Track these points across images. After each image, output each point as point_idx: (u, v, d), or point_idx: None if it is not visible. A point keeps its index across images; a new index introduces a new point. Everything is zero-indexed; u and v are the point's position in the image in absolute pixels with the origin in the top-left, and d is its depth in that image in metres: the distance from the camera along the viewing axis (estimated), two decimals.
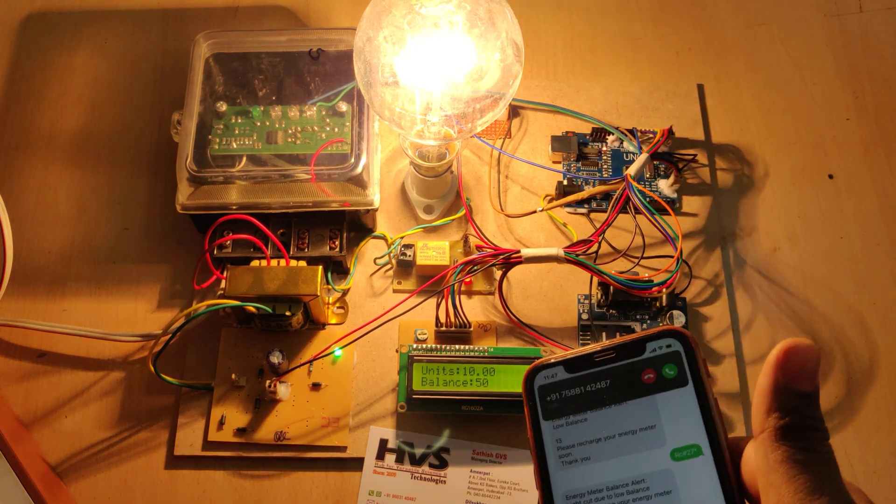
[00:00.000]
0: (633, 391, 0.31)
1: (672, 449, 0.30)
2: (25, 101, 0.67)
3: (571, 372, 0.32)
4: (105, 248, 0.62)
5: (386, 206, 0.63)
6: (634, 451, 0.30)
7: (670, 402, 0.31)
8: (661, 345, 0.32)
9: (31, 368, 0.58)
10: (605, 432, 0.31)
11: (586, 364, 0.32)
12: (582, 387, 0.32)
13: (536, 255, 0.55)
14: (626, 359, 0.32)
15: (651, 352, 0.32)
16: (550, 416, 0.32)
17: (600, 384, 0.32)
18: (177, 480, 0.54)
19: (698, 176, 0.65)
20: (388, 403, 0.56)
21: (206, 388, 0.56)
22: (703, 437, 0.30)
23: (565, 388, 0.32)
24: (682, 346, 0.31)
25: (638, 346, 0.32)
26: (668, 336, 0.32)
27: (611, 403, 0.31)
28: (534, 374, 0.33)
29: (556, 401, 0.32)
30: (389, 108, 0.53)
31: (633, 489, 0.30)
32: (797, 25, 0.72)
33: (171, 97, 0.67)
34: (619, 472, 0.30)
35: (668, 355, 0.31)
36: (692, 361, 0.31)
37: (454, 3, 0.50)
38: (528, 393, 0.33)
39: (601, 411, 0.31)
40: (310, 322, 0.58)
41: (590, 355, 0.32)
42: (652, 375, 0.31)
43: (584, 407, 0.32)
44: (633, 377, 0.31)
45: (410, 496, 0.53)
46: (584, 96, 0.68)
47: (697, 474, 0.29)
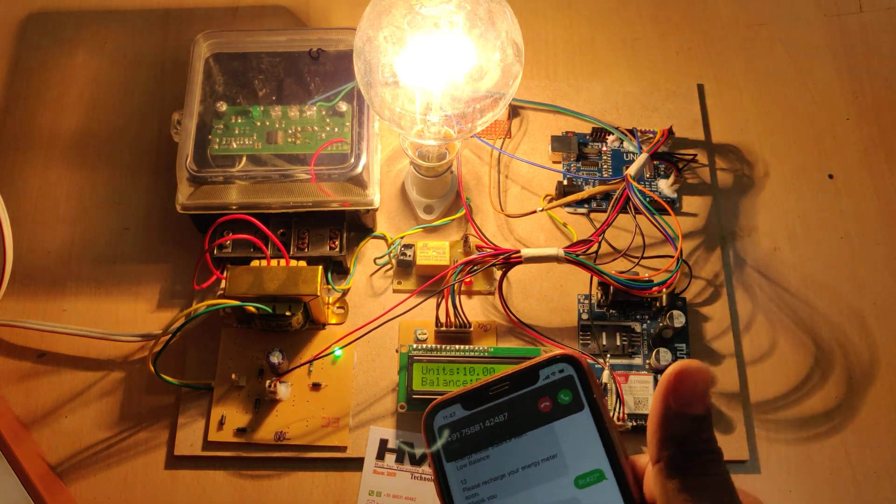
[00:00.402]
0: (532, 421, 0.30)
1: (575, 476, 0.29)
2: (25, 101, 0.68)
3: (469, 409, 0.31)
4: (105, 248, 0.62)
5: (386, 206, 0.63)
6: (539, 483, 0.30)
7: (568, 429, 0.30)
8: (554, 370, 0.31)
9: (31, 368, 0.58)
10: (509, 467, 0.30)
11: (482, 399, 0.31)
12: (481, 423, 0.31)
13: (536, 255, 0.55)
14: (521, 389, 0.31)
15: (545, 379, 0.31)
16: (453, 457, 0.31)
17: (498, 418, 0.31)
18: (177, 480, 0.54)
19: (698, 176, 0.65)
20: (388, 403, 0.56)
21: (206, 388, 0.56)
22: (605, 461, 0.29)
23: (464, 426, 0.31)
24: (574, 370, 0.31)
25: (531, 375, 0.31)
26: (559, 361, 0.31)
27: (511, 437, 0.30)
28: (432, 414, 0.32)
29: (458, 441, 0.31)
30: (389, 108, 0.53)
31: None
32: (797, 25, 0.72)
33: (171, 97, 0.67)
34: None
35: (561, 381, 0.31)
36: (585, 384, 0.30)
37: (454, 3, 0.50)
38: (428, 435, 0.31)
39: (502, 446, 0.30)
40: (310, 322, 0.58)
41: (484, 388, 0.31)
42: (548, 403, 0.30)
43: (485, 443, 0.31)
44: (530, 407, 0.31)
45: (410, 496, 0.53)
46: (584, 96, 0.68)
47: (603, 500, 0.29)
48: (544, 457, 0.30)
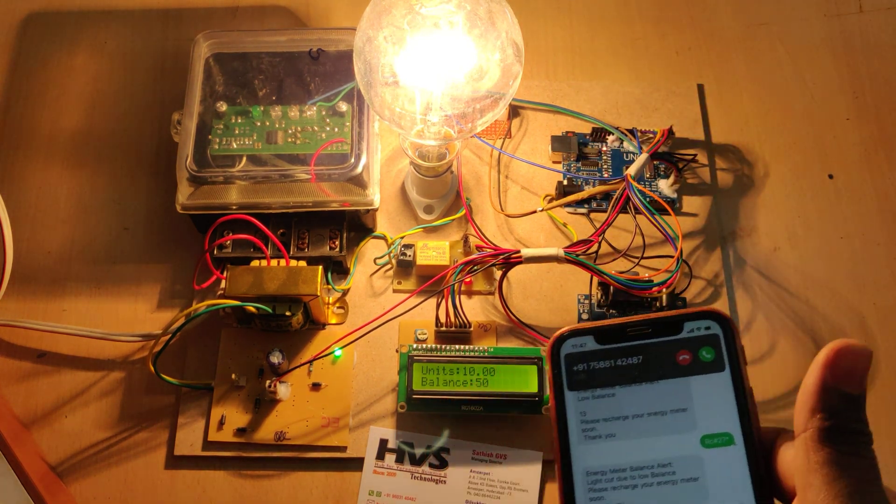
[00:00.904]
0: (667, 371, 0.30)
1: (703, 435, 0.29)
2: (25, 101, 0.68)
3: (602, 343, 0.30)
4: (105, 248, 0.62)
5: (386, 206, 0.63)
6: (663, 433, 0.29)
7: (705, 387, 0.29)
8: (700, 326, 0.30)
9: (31, 368, 0.58)
10: (634, 410, 0.29)
11: (618, 336, 0.30)
12: (612, 360, 0.30)
13: (536, 255, 0.55)
14: (662, 336, 0.30)
15: (689, 332, 0.30)
16: (576, 387, 0.30)
17: (632, 360, 0.30)
18: (177, 480, 0.54)
19: (698, 176, 0.65)
20: (388, 403, 0.56)
21: (206, 388, 0.56)
22: (737, 427, 0.29)
23: (594, 359, 0.30)
24: (721, 330, 0.30)
25: (675, 325, 0.30)
26: (708, 317, 0.30)
27: (642, 381, 0.30)
28: (561, 341, 0.31)
29: (584, 371, 0.30)
30: (389, 108, 0.53)
31: (658, 472, 0.29)
32: (797, 25, 0.72)
33: (171, 97, 0.67)
34: (645, 453, 0.29)
35: (706, 338, 0.30)
36: (731, 346, 0.30)
37: (454, 3, 0.50)
38: (553, 360, 0.31)
39: (631, 388, 0.30)
40: (310, 322, 0.58)
41: (623, 327, 0.30)
42: (688, 357, 0.30)
43: (612, 381, 0.30)
44: (668, 357, 0.30)
45: (410, 496, 0.53)
46: (584, 96, 0.68)
47: (727, 464, 0.28)
48: (673, 408, 0.29)
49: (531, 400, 0.53)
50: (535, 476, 0.54)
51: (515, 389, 0.53)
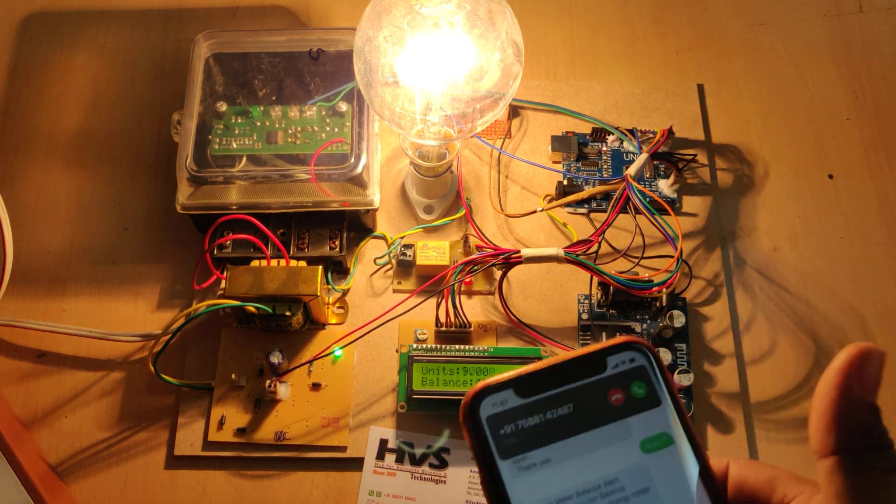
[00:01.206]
0: (603, 416, 0.27)
1: (641, 440, 0.27)
2: (25, 101, 0.68)
3: (524, 396, 0.27)
4: (105, 248, 0.62)
5: (386, 206, 0.63)
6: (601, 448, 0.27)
7: (646, 425, 0.27)
8: (624, 359, 0.28)
9: (31, 368, 0.58)
10: (582, 478, 0.27)
11: (540, 385, 0.27)
12: (541, 414, 0.27)
13: (536, 255, 0.55)
14: (587, 377, 0.27)
15: (613, 367, 0.28)
16: (508, 454, 0.27)
17: (563, 409, 0.27)
18: (177, 480, 0.54)
19: (698, 176, 0.65)
20: (388, 403, 0.56)
21: (206, 388, 0.56)
22: (690, 455, 0.27)
23: (520, 416, 0.27)
24: (646, 360, 0.28)
25: (597, 362, 0.28)
26: (628, 349, 0.28)
27: (579, 432, 0.27)
28: (478, 400, 0.27)
29: (513, 434, 0.27)
30: (389, 108, 0.53)
31: (606, 490, 0.27)
32: (797, 25, 0.72)
33: (171, 97, 0.67)
34: (586, 474, 0.27)
35: (633, 371, 0.28)
36: (661, 376, 0.28)
37: (454, 3, 0.50)
38: (474, 426, 0.27)
39: (569, 441, 0.27)
40: (310, 322, 0.58)
41: (541, 374, 0.27)
42: (620, 396, 0.27)
43: (547, 439, 0.27)
44: (600, 398, 0.27)
45: (410, 496, 0.53)
46: (584, 96, 0.68)
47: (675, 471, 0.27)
48: (628, 475, 0.27)
49: None
50: None
51: None
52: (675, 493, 0.27)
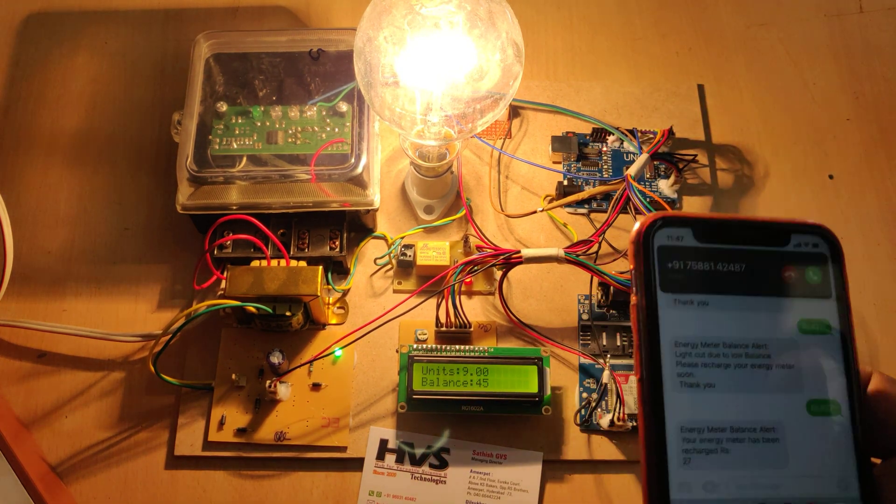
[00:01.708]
0: (771, 286, 0.27)
1: (808, 400, 0.27)
2: (25, 101, 0.67)
3: (701, 240, 0.27)
4: (105, 248, 0.62)
5: (386, 206, 0.63)
6: (766, 384, 0.27)
7: (810, 312, 0.27)
8: (808, 241, 0.27)
9: (31, 368, 0.58)
10: (733, 332, 0.27)
11: (720, 235, 0.27)
12: (712, 262, 0.27)
13: (536, 256, 0.55)
14: (767, 245, 0.27)
15: (795, 245, 0.27)
16: (670, 288, 0.26)
17: (735, 266, 0.27)
18: (177, 480, 0.54)
19: (698, 176, 0.65)
20: (388, 403, 0.56)
21: (206, 388, 0.56)
22: (843, 392, 0.27)
23: (692, 257, 0.27)
24: (829, 250, 0.27)
25: (780, 233, 0.27)
26: (816, 233, 0.27)
27: (744, 293, 0.27)
28: (654, 227, 0.27)
29: (680, 271, 0.26)
30: (390, 108, 0.53)
31: (753, 353, 0.27)
32: (797, 25, 0.72)
33: (171, 97, 0.67)
34: (744, 332, 0.27)
35: (813, 256, 0.27)
36: (839, 271, 0.27)
37: (454, 3, 0.50)
38: (644, 252, 0.27)
39: (732, 299, 0.27)
40: (310, 322, 0.58)
41: (725, 223, 0.27)
42: (793, 274, 0.27)
43: (710, 287, 0.26)
44: (773, 269, 0.27)
45: (410, 496, 0.53)
46: (584, 96, 0.68)
47: (831, 426, 0.27)
48: (777, 345, 0.26)
49: (531, 400, 0.53)
50: (536, 476, 0.54)
51: (515, 389, 0.53)
52: (817, 377, 0.27)
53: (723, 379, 0.26)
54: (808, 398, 0.27)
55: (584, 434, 0.55)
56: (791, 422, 0.26)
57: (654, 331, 0.26)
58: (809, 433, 0.26)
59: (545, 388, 0.53)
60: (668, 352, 0.26)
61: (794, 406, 0.27)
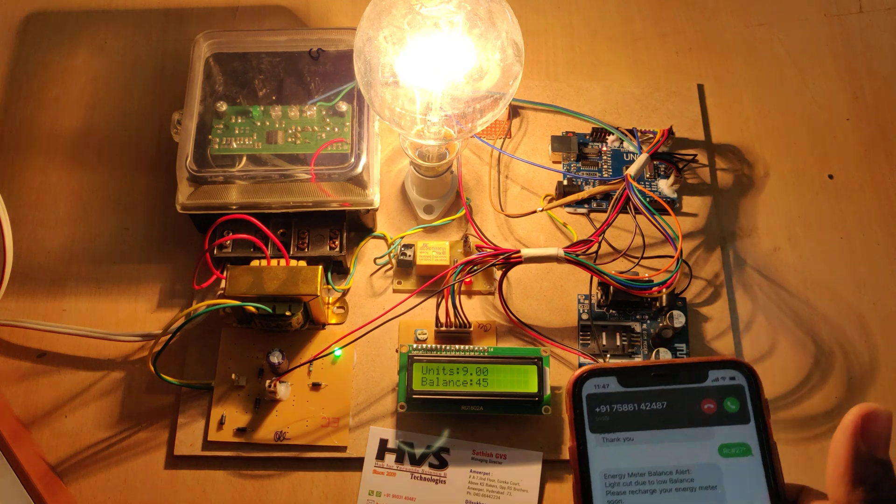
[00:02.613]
0: (691, 419, 0.30)
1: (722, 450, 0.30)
2: (25, 101, 0.68)
3: (626, 385, 0.31)
4: (105, 248, 0.62)
5: (386, 206, 0.63)
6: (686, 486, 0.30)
7: (730, 437, 0.30)
8: (725, 375, 0.31)
9: (31, 368, 0.58)
10: (657, 462, 0.30)
11: (642, 379, 0.31)
12: (636, 404, 0.30)
13: (536, 255, 0.55)
14: (686, 383, 0.31)
15: (713, 380, 0.31)
16: (599, 430, 0.30)
17: (656, 405, 0.30)
18: (177, 480, 0.54)
19: (698, 176, 0.65)
20: (388, 403, 0.56)
21: (206, 388, 0.56)
22: (762, 487, 0.29)
23: (617, 401, 0.30)
24: (746, 382, 0.30)
25: (700, 372, 0.31)
26: (732, 367, 0.31)
27: (665, 427, 0.30)
28: (583, 380, 0.31)
29: (607, 414, 0.30)
30: (389, 108, 0.53)
31: (676, 479, 0.29)
32: (797, 25, 0.72)
33: (171, 97, 0.67)
34: (663, 458, 0.30)
35: (731, 388, 0.30)
36: (756, 399, 0.30)
37: (454, 3, 0.50)
38: (574, 400, 0.31)
39: (654, 433, 0.30)
40: (310, 322, 0.58)
41: (646, 369, 0.31)
42: (713, 406, 0.30)
43: (635, 425, 0.30)
44: (693, 404, 0.30)
45: (410, 496, 0.53)
46: (584, 96, 0.68)
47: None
48: (700, 470, 0.29)
49: (531, 400, 0.53)
50: (535, 476, 0.54)
51: (515, 389, 0.53)
52: (740, 495, 0.29)
53: (650, 502, 0.29)
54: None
55: None
56: None
57: (584, 467, 0.30)
58: None
59: (545, 388, 0.53)
60: (598, 483, 0.30)
61: None
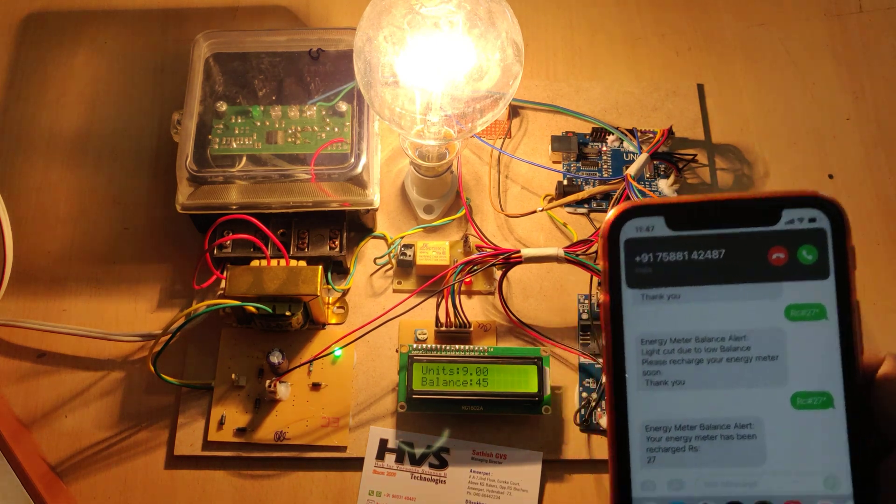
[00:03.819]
0: (754, 272, 0.24)
1: (794, 393, 0.24)
2: (25, 101, 0.67)
3: (675, 228, 0.24)
4: (105, 248, 0.62)
5: (386, 206, 0.63)
6: (741, 373, 0.24)
7: (800, 297, 0.24)
8: (803, 216, 0.24)
9: (31, 368, 0.58)
10: (707, 327, 0.24)
11: (696, 220, 0.24)
12: (686, 252, 0.24)
13: (536, 255, 0.55)
14: (752, 225, 0.24)
15: (787, 222, 0.24)
16: (638, 284, 0.24)
17: (712, 253, 0.24)
18: (177, 480, 0.54)
19: (698, 176, 0.65)
20: (388, 403, 0.56)
21: (206, 388, 0.56)
22: (837, 378, 0.24)
23: (663, 248, 0.24)
24: (829, 224, 0.24)
25: (771, 212, 0.24)
26: (813, 205, 0.24)
27: (722, 282, 0.24)
28: (622, 220, 0.25)
29: (649, 264, 0.24)
30: (389, 108, 0.53)
31: (729, 346, 0.24)
32: (797, 25, 0.72)
33: (171, 97, 0.67)
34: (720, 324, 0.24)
35: (808, 233, 0.24)
36: (839, 246, 0.24)
37: (454, 3, 0.50)
38: (610, 247, 0.25)
39: (707, 290, 0.24)
40: (310, 322, 0.58)
41: (703, 207, 0.24)
42: (783, 255, 0.24)
43: (684, 279, 0.24)
44: (758, 253, 0.24)
45: (410, 496, 0.53)
46: (583, 96, 0.68)
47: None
48: (759, 336, 0.24)
49: (531, 400, 0.53)
50: (535, 476, 0.54)
51: (515, 389, 0.53)
52: (807, 371, 0.24)
53: (694, 375, 0.24)
54: (793, 391, 0.24)
55: (584, 434, 0.55)
56: (771, 417, 0.24)
57: (618, 329, 0.25)
58: (792, 428, 0.24)
59: (545, 388, 0.53)
60: (633, 350, 0.25)
61: (776, 400, 0.24)
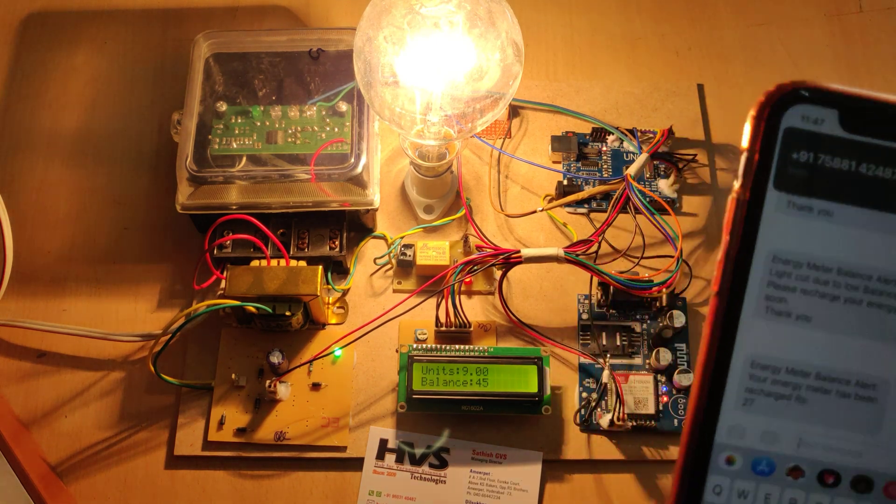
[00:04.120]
0: None
1: None
2: (25, 101, 0.67)
3: (850, 129, 0.19)
4: (105, 248, 0.62)
5: (386, 206, 0.63)
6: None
7: None
8: None
9: (31, 368, 0.58)
10: (866, 261, 0.20)
11: (879, 123, 0.19)
12: (855, 160, 0.19)
13: (536, 255, 0.55)
14: None
15: None
16: (787, 187, 0.20)
17: (884, 171, 0.19)
18: (177, 480, 0.54)
19: (698, 176, 0.65)
20: (388, 403, 0.56)
21: (206, 388, 0.56)
22: None
23: (829, 150, 0.19)
24: None
25: None
26: None
27: (888, 209, 0.19)
28: (785, 103, 0.19)
29: (806, 165, 0.19)
30: (389, 108, 0.53)
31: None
32: (797, 25, 0.72)
33: (171, 97, 0.67)
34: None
35: None
36: None
37: (454, 3, 0.50)
38: (765, 131, 0.19)
39: (872, 215, 0.19)
40: (310, 322, 0.58)
41: (891, 111, 0.19)
42: None
43: (847, 196, 0.19)
44: None
45: (410, 496, 0.53)
46: (583, 96, 0.68)
47: None
48: None
49: (531, 400, 0.53)
50: (535, 476, 0.54)
51: (515, 389, 0.53)
52: None
53: (824, 313, 0.20)
54: None
55: (584, 434, 0.55)
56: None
57: (749, 236, 0.20)
58: None
59: (545, 388, 0.53)
60: (761, 266, 0.20)
61: None
